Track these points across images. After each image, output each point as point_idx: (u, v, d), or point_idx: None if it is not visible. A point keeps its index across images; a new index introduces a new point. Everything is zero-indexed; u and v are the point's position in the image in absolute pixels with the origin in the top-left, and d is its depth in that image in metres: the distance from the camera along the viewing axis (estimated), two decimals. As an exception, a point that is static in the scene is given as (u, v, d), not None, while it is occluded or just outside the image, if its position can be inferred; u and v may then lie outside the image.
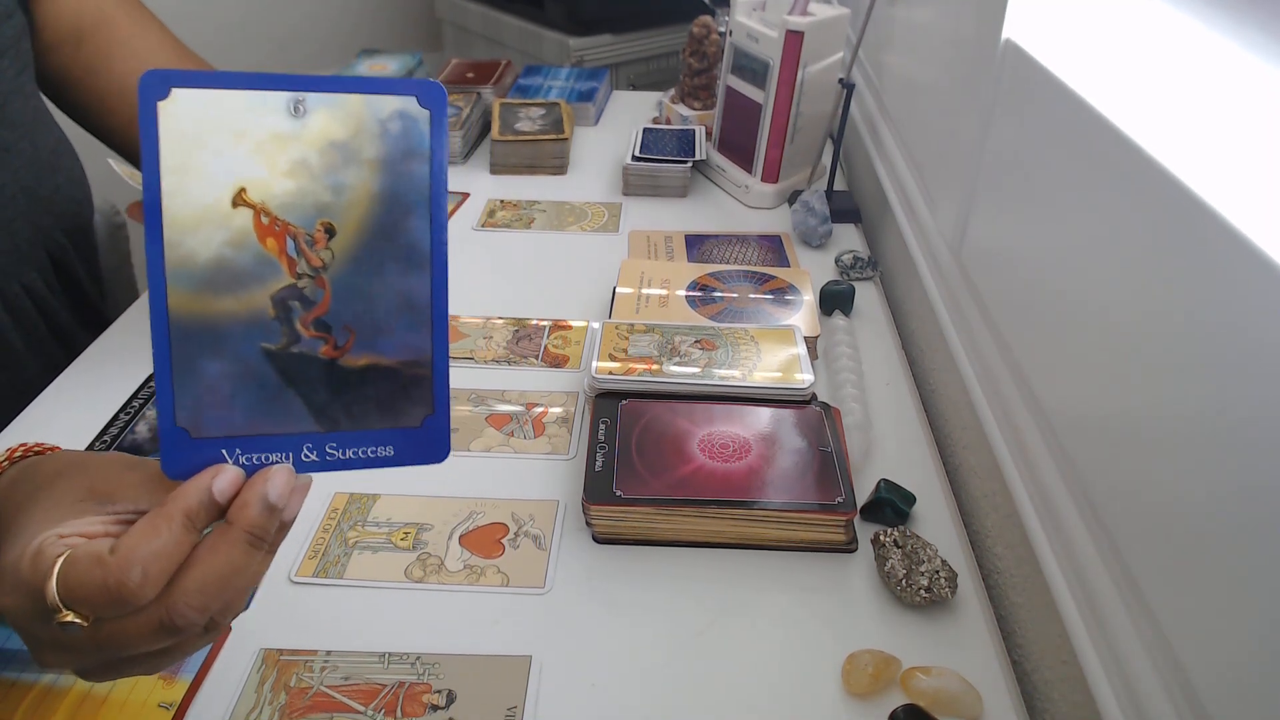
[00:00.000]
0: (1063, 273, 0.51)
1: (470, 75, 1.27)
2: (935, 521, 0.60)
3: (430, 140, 0.37)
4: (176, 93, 0.34)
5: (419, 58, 1.33)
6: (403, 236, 0.37)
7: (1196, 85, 0.43)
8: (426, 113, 0.37)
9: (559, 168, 1.10)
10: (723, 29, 1.10)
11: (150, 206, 0.35)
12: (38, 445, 0.44)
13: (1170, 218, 0.40)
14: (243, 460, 0.37)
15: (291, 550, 0.57)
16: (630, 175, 1.04)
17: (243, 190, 0.35)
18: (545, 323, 0.81)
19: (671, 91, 1.25)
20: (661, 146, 1.07)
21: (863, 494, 0.61)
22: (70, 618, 0.34)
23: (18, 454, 0.43)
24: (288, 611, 0.54)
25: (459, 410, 0.70)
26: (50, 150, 0.79)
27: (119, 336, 0.79)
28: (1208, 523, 0.36)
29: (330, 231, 0.36)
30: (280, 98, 0.36)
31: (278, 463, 0.37)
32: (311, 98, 0.36)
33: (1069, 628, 0.44)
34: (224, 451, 0.36)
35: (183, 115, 0.35)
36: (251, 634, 0.52)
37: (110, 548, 0.34)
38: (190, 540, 0.35)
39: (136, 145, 0.36)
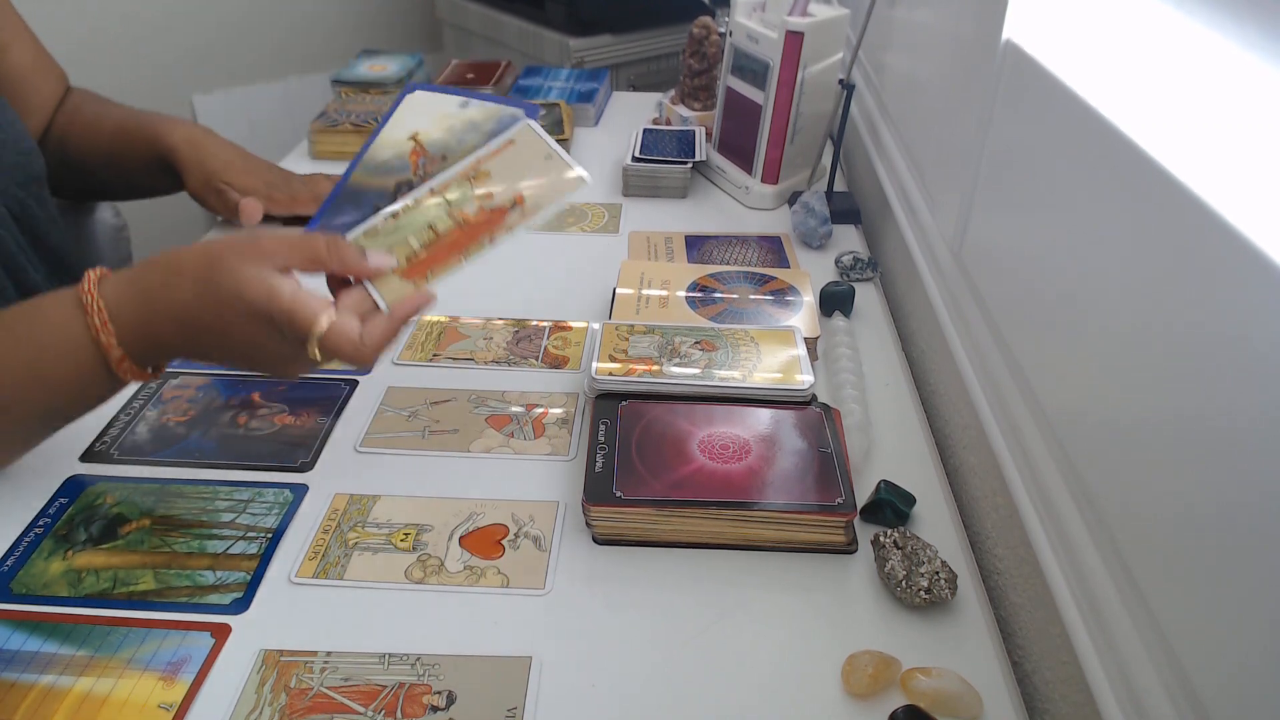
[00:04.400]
0: (1063, 273, 0.51)
1: (470, 76, 1.27)
2: (935, 522, 0.60)
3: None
4: (419, 93, 0.67)
5: (419, 58, 1.33)
6: None
7: (1196, 85, 0.43)
8: (526, 122, 0.63)
9: (559, 168, 1.11)
10: (723, 30, 1.10)
11: (376, 133, 0.66)
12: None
13: (1170, 218, 0.40)
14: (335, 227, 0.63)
15: (291, 551, 0.57)
16: (630, 176, 1.04)
17: (416, 133, 0.65)
18: (545, 324, 0.81)
19: (671, 92, 1.25)
20: (661, 147, 1.07)
21: (863, 495, 0.61)
22: (317, 357, 0.55)
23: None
24: (288, 612, 0.54)
25: (460, 409, 0.70)
26: None
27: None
28: (1208, 522, 0.36)
29: (444, 157, 0.64)
30: (457, 100, 0.66)
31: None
32: (473, 102, 0.65)
33: (1069, 628, 0.44)
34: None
35: (416, 102, 0.66)
36: (252, 635, 0.52)
37: (360, 334, 0.56)
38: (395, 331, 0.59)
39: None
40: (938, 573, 0.53)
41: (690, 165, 1.04)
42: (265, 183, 0.91)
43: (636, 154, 1.05)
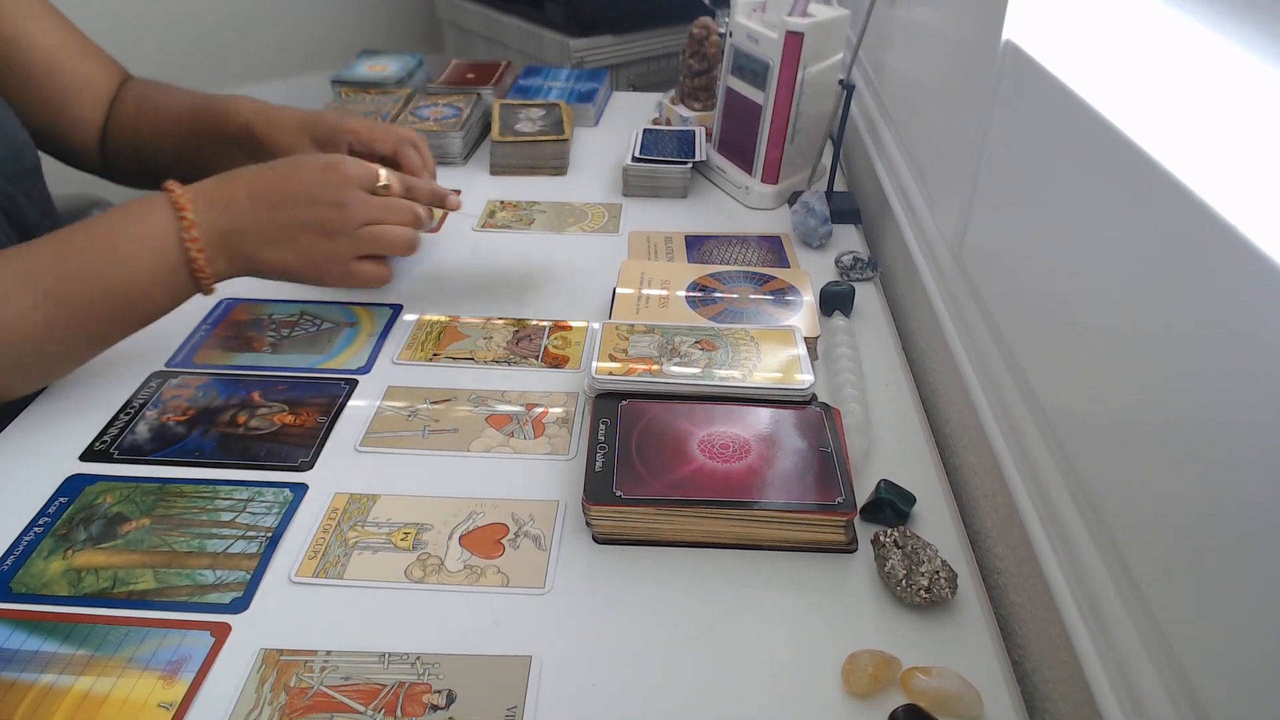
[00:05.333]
0: (1063, 273, 0.51)
1: (470, 76, 1.27)
2: (935, 521, 0.60)
3: None
4: None
5: (419, 58, 1.33)
6: None
7: (1196, 85, 0.43)
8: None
9: (559, 169, 1.11)
10: (723, 30, 1.10)
11: None
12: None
13: (1170, 218, 0.40)
14: None
15: (291, 550, 0.57)
16: (630, 176, 1.04)
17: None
18: (545, 323, 0.81)
19: (671, 92, 1.25)
20: (661, 147, 1.07)
21: (863, 494, 0.61)
22: (385, 181, 0.72)
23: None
24: (288, 611, 0.54)
25: (459, 409, 0.70)
26: None
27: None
28: (1208, 522, 0.36)
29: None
30: None
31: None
32: None
33: (1069, 628, 0.44)
34: None
35: None
36: (252, 634, 0.52)
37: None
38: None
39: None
40: (938, 572, 0.53)
41: (690, 165, 1.04)
42: (364, 125, 0.88)
43: (636, 154, 1.05)
